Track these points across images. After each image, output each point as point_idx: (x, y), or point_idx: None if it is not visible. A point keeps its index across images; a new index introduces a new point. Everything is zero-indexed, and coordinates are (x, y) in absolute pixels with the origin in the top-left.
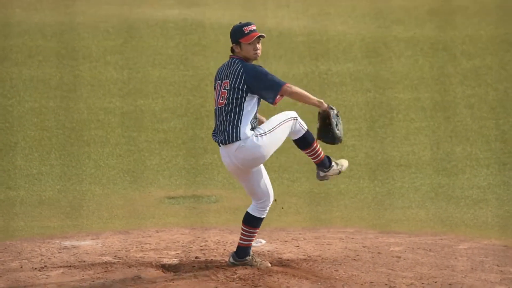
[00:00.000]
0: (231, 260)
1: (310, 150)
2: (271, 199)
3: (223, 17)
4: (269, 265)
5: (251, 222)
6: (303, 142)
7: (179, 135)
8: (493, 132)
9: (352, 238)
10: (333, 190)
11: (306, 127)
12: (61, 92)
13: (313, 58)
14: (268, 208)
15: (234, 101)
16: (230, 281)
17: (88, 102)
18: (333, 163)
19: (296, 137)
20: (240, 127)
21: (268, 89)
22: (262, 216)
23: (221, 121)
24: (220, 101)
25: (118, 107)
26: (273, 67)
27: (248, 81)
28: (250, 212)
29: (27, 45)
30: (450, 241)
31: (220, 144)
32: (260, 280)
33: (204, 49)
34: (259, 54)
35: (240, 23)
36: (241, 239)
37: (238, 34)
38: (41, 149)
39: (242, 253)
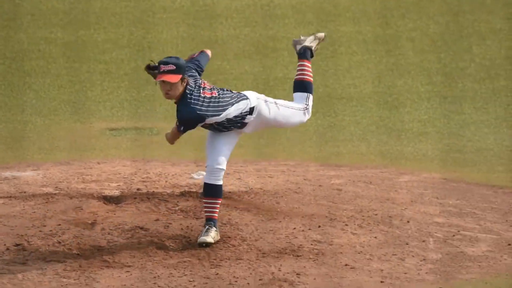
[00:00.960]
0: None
1: None
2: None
3: None
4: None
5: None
6: None
7: (121, 66)
8: (434, 65)
9: (294, 171)
10: None
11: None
12: (1, 22)
13: None
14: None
15: None
16: (172, 213)
17: (29, 32)
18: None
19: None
20: None
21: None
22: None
23: None
24: None
25: (59, 38)
26: None
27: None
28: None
29: None
30: (390, 174)
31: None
32: (201, 212)
33: None
34: (169, 96)
35: (168, 57)
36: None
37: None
38: None
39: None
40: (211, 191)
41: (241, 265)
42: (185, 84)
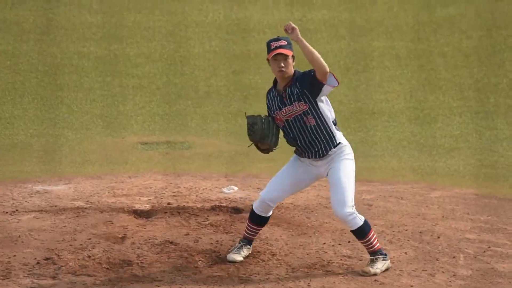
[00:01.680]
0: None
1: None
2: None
3: None
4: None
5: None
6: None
7: (153, 80)
8: (467, 80)
9: (325, 186)
10: None
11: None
12: (35, 35)
13: (288, 4)
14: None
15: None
16: (202, 227)
17: (62, 46)
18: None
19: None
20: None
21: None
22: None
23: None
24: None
25: (92, 52)
26: (248, 13)
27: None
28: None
29: None
30: (421, 189)
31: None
32: (232, 226)
33: None
34: (284, 72)
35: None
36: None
37: (268, 50)
38: (14, 92)
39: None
40: (257, 219)
41: (271, 280)
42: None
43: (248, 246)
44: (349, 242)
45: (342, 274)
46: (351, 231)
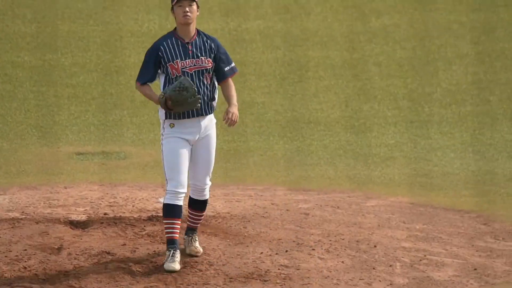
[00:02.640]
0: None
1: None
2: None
3: None
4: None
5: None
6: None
7: (88, 90)
8: (401, 90)
9: (261, 195)
10: (243, 147)
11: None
12: None
13: (223, 15)
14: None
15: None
16: (139, 237)
17: None
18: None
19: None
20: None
21: None
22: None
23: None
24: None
25: (26, 61)
26: None
27: None
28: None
29: None
30: (357, 198)
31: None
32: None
33: (114, 4)
34: (188, 17)
35: None
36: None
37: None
38: None
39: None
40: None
41: None
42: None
43: (179, 252)
44: (286, 251)
45: (280, 283)
46: (200, 200)
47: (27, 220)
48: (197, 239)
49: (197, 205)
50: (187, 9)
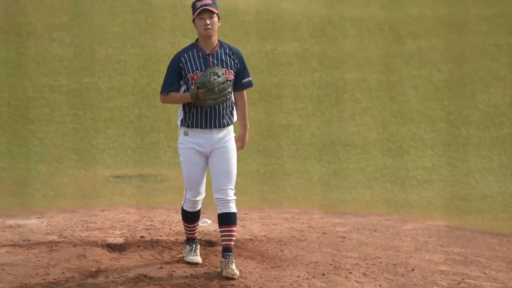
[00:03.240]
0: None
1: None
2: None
3: None
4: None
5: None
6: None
7: (125, 113)
8: (438, 113)
9: (298, 218)
10: (279, 170)
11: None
12: (6, 69)
13: (259, 37)
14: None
15: None
16: (176, 261)
17: (33, 79)
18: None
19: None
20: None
21: None
22: (183, 208)
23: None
24: None
25: (64, 85)
26: None
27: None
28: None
29: None
30: (394, 221)
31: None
32: (206, 260)
33: (151, 27)
34: (210, 30)
35: None
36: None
37: (193, 9)
38: None
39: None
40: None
41: None
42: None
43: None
44: (323, 275)
45: None
46: (227, 213)
47: (65, 243)
48: (233, 261)
49: (225, 219)
50: (208, 21)
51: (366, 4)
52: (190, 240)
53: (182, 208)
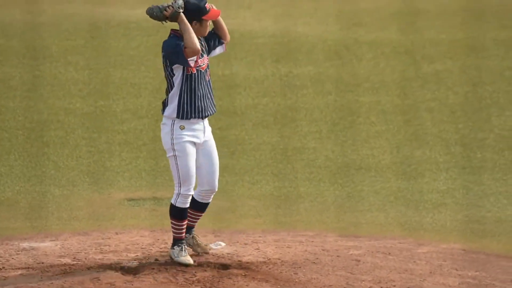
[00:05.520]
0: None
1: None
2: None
3: None
4: (209, 249)
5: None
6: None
7: (139, 136)
8: (453, 136)
9: (312, 241)
10: (293, 193)
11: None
12: (21, 92)
13: (274, 60)
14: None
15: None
16: (189, 283)
17: (48, 102)
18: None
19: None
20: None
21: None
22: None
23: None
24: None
25: (78, 108)
26: (234, 69)
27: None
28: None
29: None
30: (409, 244)
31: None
32: (219, 282)
33: None
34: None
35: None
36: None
37: (201, 11)
38: (0, 149)
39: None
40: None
41: None
42: None
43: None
44: None
45: None
46: (206, 204)
47: (78, 266)
48: (198, 236)
49: (202, 207)
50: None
51: (382, 27)
52: (178, 241)
53: (173, 206)
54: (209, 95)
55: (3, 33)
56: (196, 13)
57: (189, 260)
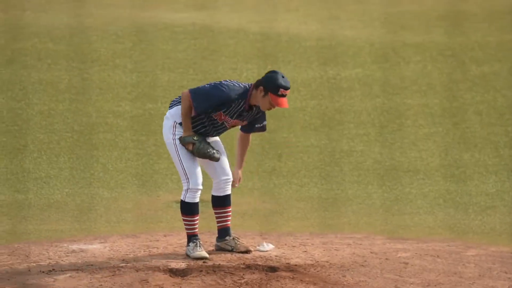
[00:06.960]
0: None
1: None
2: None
3: (232, 21)
4: (248, 249)
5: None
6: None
7: None
8: (502, 138)
9: (360, 244)
10: (341, 196)
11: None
12: (70, 95)
13: (321, 63)
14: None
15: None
16: (237, 286)
17: (97, 105)
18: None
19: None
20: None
21: None
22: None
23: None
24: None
25: (127, 111)
26: (282, 72)
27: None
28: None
29: (36, 47)
30: (457, 247)
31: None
32: (267, 285)
33: (213, 53)
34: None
35: (283, 77)
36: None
37: (274, 88)
38: (49, 152)
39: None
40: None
41: None
42: None
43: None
44: None
45: None
46: (226, 196)
47: (127, 268)
48: (238, 236)
49: (225, 201)
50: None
51: (429, 30)
52: (192, 237)
53: (183, 201)
54: (216, 134)
55: (51, 37)
56: (270, 86)
57: (205, 254)
